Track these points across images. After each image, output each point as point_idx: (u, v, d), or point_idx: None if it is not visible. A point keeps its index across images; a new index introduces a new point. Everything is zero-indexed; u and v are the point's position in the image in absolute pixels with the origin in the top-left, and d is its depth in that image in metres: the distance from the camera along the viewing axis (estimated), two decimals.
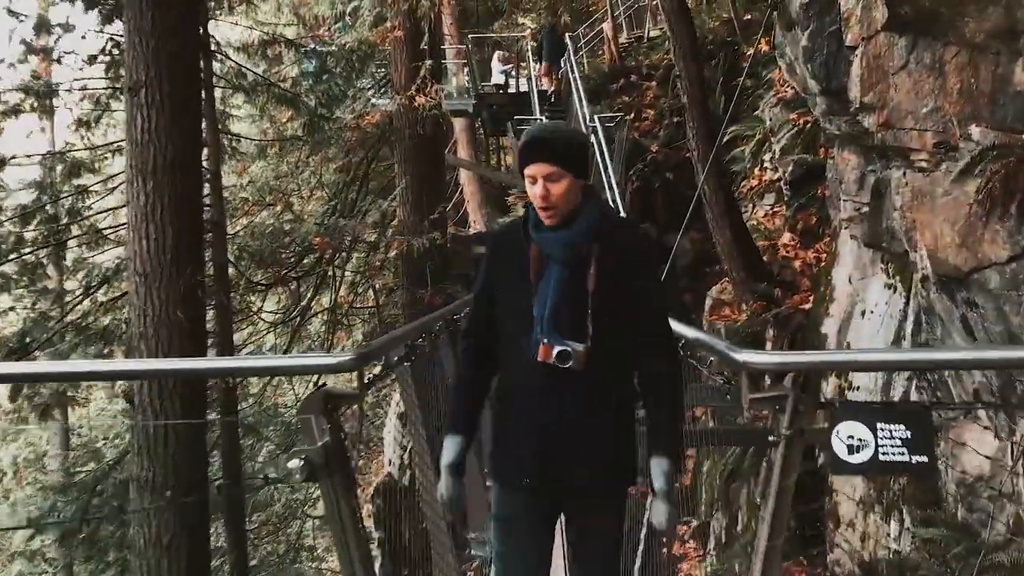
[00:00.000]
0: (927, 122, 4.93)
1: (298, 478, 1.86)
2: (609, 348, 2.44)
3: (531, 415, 2.49)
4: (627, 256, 2.52)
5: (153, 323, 7.77)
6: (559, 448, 2.47)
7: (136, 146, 7.80)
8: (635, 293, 2.49)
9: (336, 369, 2.15)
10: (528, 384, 2.50)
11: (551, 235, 2.52)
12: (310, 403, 2.02)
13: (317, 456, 1.89)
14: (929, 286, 4.92)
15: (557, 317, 2.45)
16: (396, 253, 13.29)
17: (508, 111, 16.22)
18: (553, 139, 2.52)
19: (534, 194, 2.49)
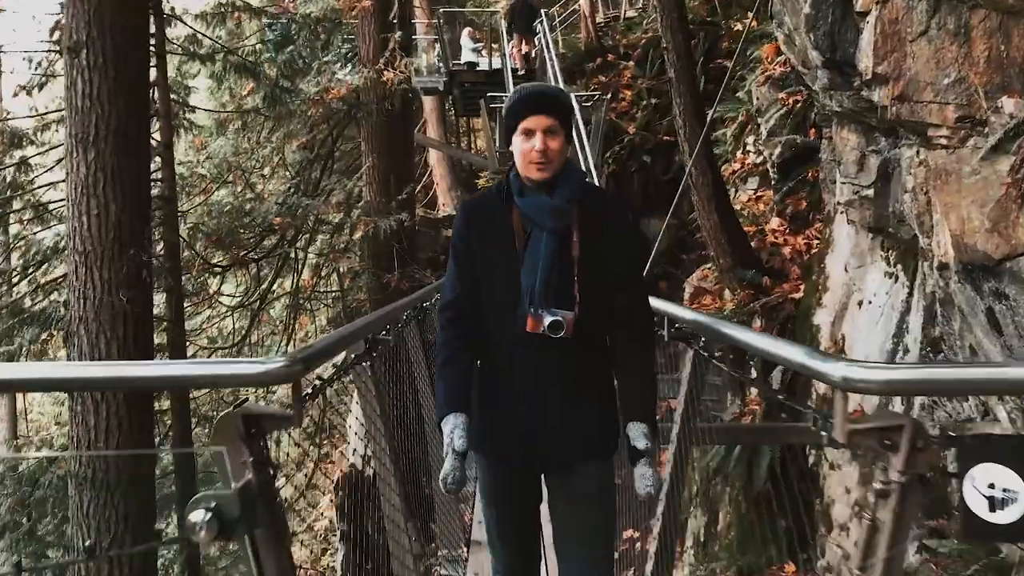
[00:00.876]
0: (949, 94, 4.46)
1: (204, 536, 1.30)
2: (592, 315, 2.43)
3: (517, 386, 2.46)
4: (608, 222, 2.51)
5: (95, 307, 7.14)
6: (548, 419, 2.45)
7: (76, 113, 7.15)
8: (616, 259, 2.48)
9: (263, 380, 1.54)
10: (513, 355, 2.46)
11: (536, 200, 2.46)
12: (224, 428, 1.44)
13: (231, 504, 1.32)
14: (949, 275, 4.46)
15: (546, 286, 2.41)
16: (362, 235, 12.69)
17: (481, 89, 15.61)
18: (551, 94, 2.50)
19: (529, 148, 2.42)
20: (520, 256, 2.44)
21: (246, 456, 1.42)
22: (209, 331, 15.93)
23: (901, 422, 1.30)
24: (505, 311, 2.43)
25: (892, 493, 1.31)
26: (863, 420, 1.33)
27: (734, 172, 11.09)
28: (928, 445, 1.30)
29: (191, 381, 1.62)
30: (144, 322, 7.45)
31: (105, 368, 1.76)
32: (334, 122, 13.56)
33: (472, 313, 2.51)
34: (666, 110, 14.35)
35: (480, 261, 2.52)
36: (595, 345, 2.48)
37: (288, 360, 1.57)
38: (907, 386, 1.31)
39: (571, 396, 2.45)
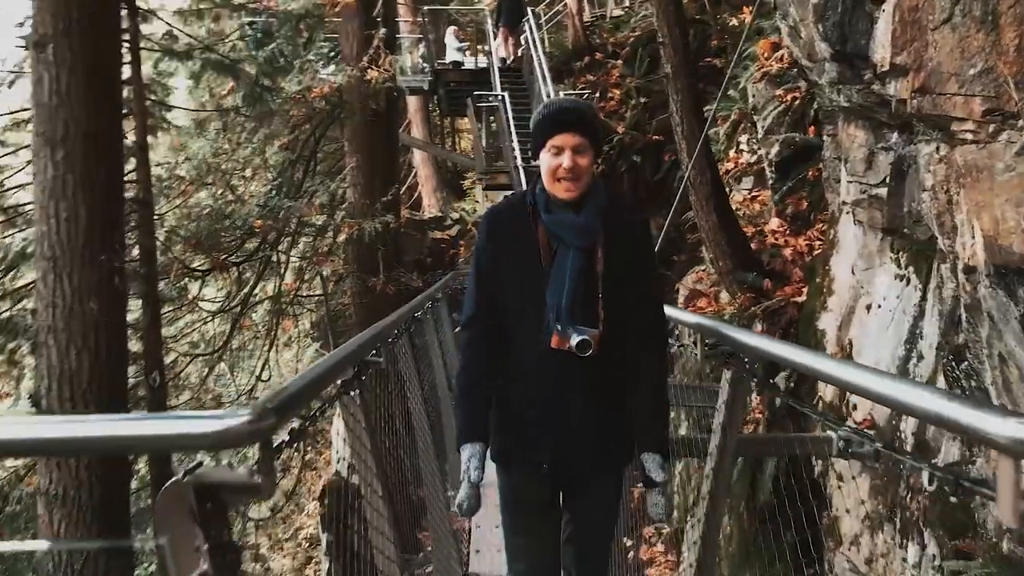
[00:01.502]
0: (975, 85, 4.17)
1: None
2: (615, 331, 2.46)
3: (540, 401, 2.50)
4: (628, 240, 2.54)
5: (64, 315, 6.76)
6: (569, 433, 2.51)
7: (43, 110, 6.76)
8: (637, 275, 2.52)
9: (222, 442, 1.14)
10: (534, 368, 2.48)
11: (564, 217, 2.47)
12: (171, 504, 1.08)
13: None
14: (977, 278, 4.17)
15: (572, 304, 2.42)
16: (346, 238, 12.32)
17: (466, 89, 15.30)
18: (580, 110, 2.49)
19: (556, 165, 2.43)
20: (546, 273, 2.45)
21: (199, 541, 1.07)
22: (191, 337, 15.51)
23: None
24: (528, 326, 2.46)
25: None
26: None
27: (728, 172, 10.82)
28: None
29: (120, 445, 1.24)
30: (117, 331, 7.08)
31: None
32: (317, 122, 13.19)
33: (494, 328, 2.53)
34: (655, 109, 14.09)
35: (504, 275, 2.52)
36: (614, 358, 2.49)
37: (254, 413, 1.20)
38: None
39: (591, 407, 2.50)
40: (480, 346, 2.53)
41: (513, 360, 2.52)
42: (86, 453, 5.09)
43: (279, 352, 16.19)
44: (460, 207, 20.47)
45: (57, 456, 6.01)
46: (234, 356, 14.98)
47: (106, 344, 6.79)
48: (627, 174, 14.12)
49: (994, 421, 1.03)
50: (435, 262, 16.98)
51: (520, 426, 2.55)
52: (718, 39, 13.60)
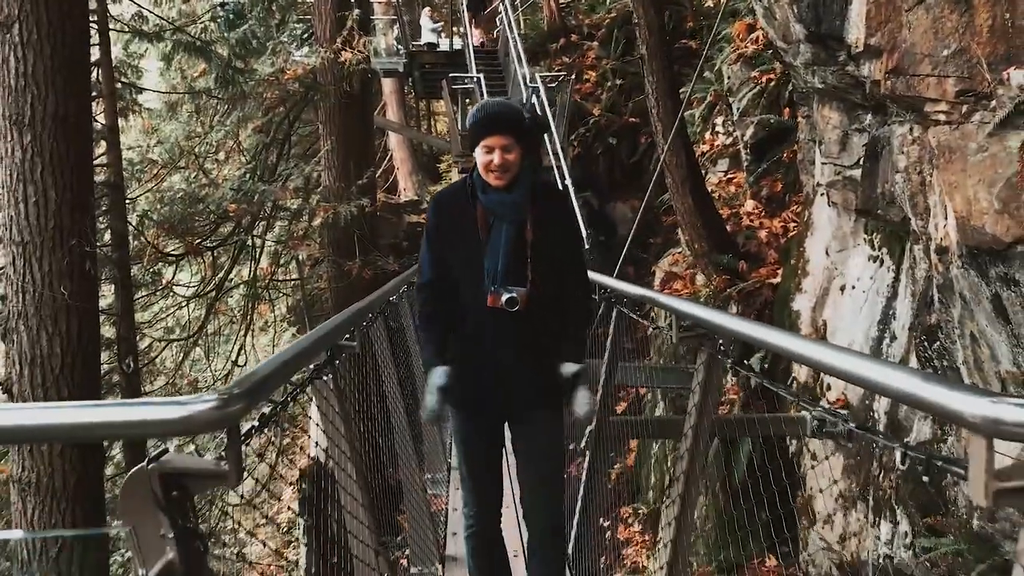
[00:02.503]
0: (949, 67, 4.19)
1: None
2: (543, 291, 2.94)
3: (483, 353, 2.97)
4: (555, 217, 3.06)
5: (35, 301, 6.65)
6: (508, 378, 2.98)
7: (10, 93, 6.62)
8: (562, 245, 3.05)
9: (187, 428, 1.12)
10: (478, 323, 2.95)
11: (498, 197, 2.95)
12: (135, 492, 1.06)
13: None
14: (949, 259, 4.20)
15: (505, 268, 2.91)
16: (321, 221, 12.21)
17: (442, 70, 15.19)
18: (507, 114, 2.96)
19: (488, 161, 2.89)
20: (484, 244, 2.95)
21: (165, 529, 1.06)
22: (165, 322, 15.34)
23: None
24: (471, 288, 2.93)
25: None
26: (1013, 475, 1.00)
27: (703, 154, 10.83)
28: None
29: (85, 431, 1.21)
30: (89, 316, 6.97)
31: None
32: (290, 104, 13.03)
33: (443, 291, 3.00)
34: (631, 91, 14.06)
35: (449, 247, 3.00)
36: (543, 315, 2.96)
37: (221, 398, 1.17)
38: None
39: (522, 356, 2.97)
40: (433, 300, 3.02)
41: (460, 319, 2.99)
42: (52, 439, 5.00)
43: (255, 337, 16.04)
44: (436, 190, 20.37)
45: (23, 443, 5.94)
46: (210, 341, 14.83)
47: (78, 329, 6.70)
48: (603, 156, 14.11)
49: (965, 400, 1.03)
50: (411, 246, 16.87)
51: (467, 374, 2.99)
52: (693, 20, 13.58)
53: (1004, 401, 0.99)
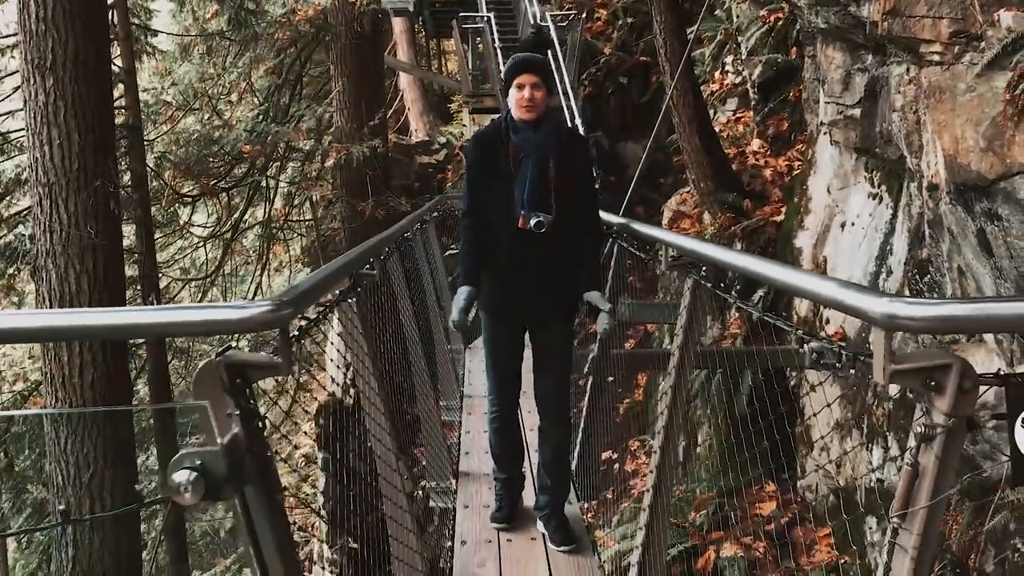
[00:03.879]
0: (943, 8, 4.31)
1: (189, 498, 1.19)
2: (563, 218, 3.53)
3: (513, 269, 3.60)
4: (574, 158, 3.66)
5: (62, 240, 6.92)
6: (532, 290, 3.63)
7: (31, 38, 6.80)
8: (580, 182, 3.65)
9: (247, 326, 1.39)
10: (510, 246, 3.55)
11: (526, 136, 3.55)
12: (206, 379, 1.31)
13: (219, 461, 1.20)
14: (939, 195, 4.39)
15: (532, 197, 3.50)
16: (334, 162, 12.40)
17: (452, 10, 15.15)
18: (535, 59, 3.65)
19: (520, 96, 3.54)
20: (514, 175, 3.55)
21: (231, 408, 1.30)
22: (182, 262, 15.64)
23: (948, 361, 1.21)
24: (503, 213, 3.53)
25: (936, 437, 1.23)
26: (907, 359, 1.24)
27: (713, 93, 10.90)
28: (976, 386, 1.21)
29: (164, 329, 1.50)
30: (114, 255, 7.24)
31: (69, 316, 1.60)
32: (302, 45, 13.12)
33: (483, 217, 3.61)
34: (642, 30, 14.03)
35: (485, 178, 3.62)
36: (562, 238, 3.54)
37: (274, 303, 1.43)
38: (957, 323, 1.21)
39: (545, 270, 3.58)
40: (475, 227, 3.62)
41: (495, 239, 3.58)
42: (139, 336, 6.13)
43: (271, 277, 16.35)
44: (447, 131, 20.42)
45: (115, 339, 6.71)
46: (226, 280, 15.15)
47: (104, 267, 6.97)
48: (613, 96, 14.14)
49: (869, 300, 1.28)
50: (423, 187, 17.05)
51: (499, 284, 3.62)
52: None
53: (898, 300, 1.23)
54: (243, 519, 1.31)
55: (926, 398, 1.25)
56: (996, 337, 4.37)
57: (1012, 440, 1.21)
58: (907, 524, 1.25)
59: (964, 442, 1.28)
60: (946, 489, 1.24)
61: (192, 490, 1.18)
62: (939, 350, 1.25)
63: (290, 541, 1.38)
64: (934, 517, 1.23)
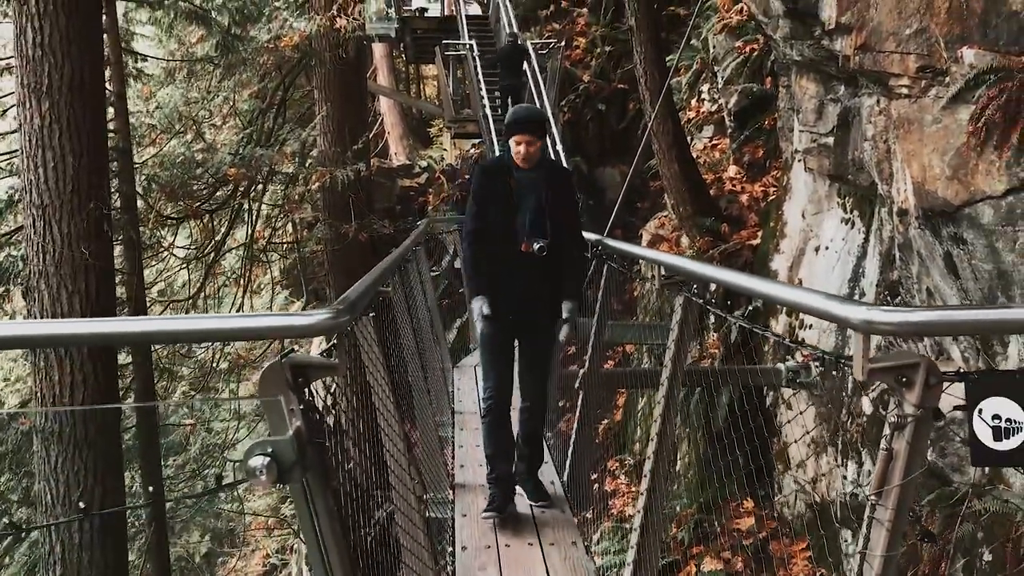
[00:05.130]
0: (911, 44, 4.60)
1: (264, 480, 1.37)
2: (554, 241, 4.24)
3: (510, 281, 4.28)
4: (561, 188, 4.40)
5: (55, 260, 7.01)
6: (525, 298, 4.30)
7: (28, 62, 6.93)
8: (566, 210, 4.37)
9: (312, 331, 1.62)
10: (510, 264, 4.26)
11: (526, 175, 4.32)
12: (273, 378, 1.49)
13: (288, 449, 1.39)
14: (908, 220, 4.65)
15: (534, 225, 4.24)
16: (317, 185, 12.52)
17: (434, 36, 15.44)
18: (535, 118, 4.42)
19: (518, 152, 4.30)
20: (515, 207, 4.28)
21: (295, 404, 1.49)
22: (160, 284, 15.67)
23: (916, 361, 1.43)
24: (504, 237, 4.24)
25: (907, 426, 1.43)
26: (882, 359, 1.45)
27: (689, 120, 11.21)
28: (940, 382, 1.43)
29: (242, 333, 1.70)
30: (106, 276, 7.35)
31: (144, 324, 1.79)
32: (286, 70, 13.29)
33: (487, 236, 4.29)
34: (620, 58, 14.38)
35: (489, 205, 4.32)
36: (553, 257, 4.22)
37: (333, 311, 1.64)
38: (925, 327, 1.44)
39: (538, 285, 4.26)
40: (480, 243, 4.30)
41: (495, 258, 4.27)
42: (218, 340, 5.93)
43: (251, 299, 16.41)
44: (427, 155, 20.66)
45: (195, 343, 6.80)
46: (207, 302, 15.20)
47: (96, 288, 7.07)
48: (592, 122, 14.46)
49: (849, 309, 1.52)
50: (404, 210, 17.23)
51: (500, 298, 4.26)
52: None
53: (875, 309, 1.46)
54: (305, 503, 1.48)
55: (898, 392, 1.46)
56: (963, 356, 4.62)
57: (970, 426, 1.41)
58: (883, 501, 1.45)
59: (931, 430, 1.49)
60: (915, 470, 1.45)
61: (266, 473, 1.36)
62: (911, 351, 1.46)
63: (344, 525, 1.56)
64: (906, 495, 1.44)
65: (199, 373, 14.60)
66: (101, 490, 7.27)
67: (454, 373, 7.75)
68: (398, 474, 2.81)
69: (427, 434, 4.60)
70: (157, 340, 2.69)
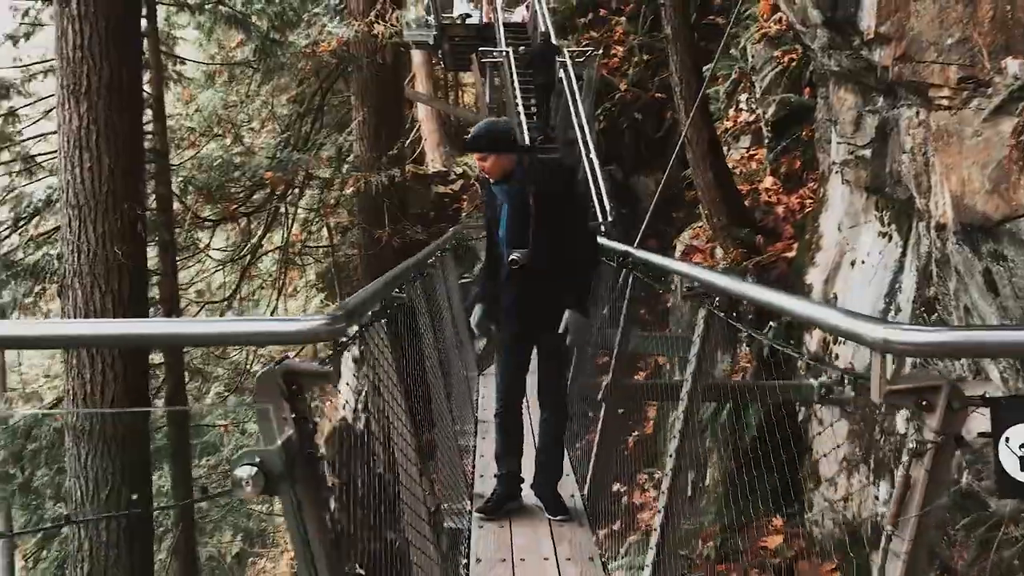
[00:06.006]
0: (952, 55, 4.47)
1: (250, 491, 1.32)
2: (545, 251, 4.12)
3: (507, 292, 4.31)
4: (555, 189, 4.23)
5: (89, 259, 7.12)
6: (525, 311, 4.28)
7: (68, 64, 7.05)
8: (562, 213, 4.17)
9: (308, 337, 1.54)
10: (505, 276, 4.27)
11: (498, 188, 4.26)
12: (266, 385, 1.45)
13: (276, 459, 1.35)
14: (946, 236, 4.51)
15: (509, 237, 4.22)
16: (352, 190, 12.61)
17: (472, 43, 15.44)
18: (480, 135, 4.22)
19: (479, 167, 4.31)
20: (497, 219, 4.33)
21: (287, 412, 1.44)
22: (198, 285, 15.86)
23: (938, 383, 1.33)
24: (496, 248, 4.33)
25: (927, 453, 1.35)
26: (901, 380, 1.37)
27: (727, 130, 11.08)
28: (964, 406, 1.33)
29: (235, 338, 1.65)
30: (138, 276, 7.44)
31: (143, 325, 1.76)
32: (324, 75, 13.41)
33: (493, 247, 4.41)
34: (658, 67, 14.25)
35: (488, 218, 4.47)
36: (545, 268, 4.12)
37: (330, 318, 1.58)
38: (948, 348, 1.35)
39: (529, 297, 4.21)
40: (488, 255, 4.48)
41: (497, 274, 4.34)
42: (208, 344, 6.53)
43: (286, 301, 16.55)
44: (463, 162, 20.67)
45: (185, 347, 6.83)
46: (243, 304, 15.35)
47: (129, 288, 7.15)
48: (628, 130, 14.35)
49: (867, 327, 1.42)
50: (438, 216, 17.25)
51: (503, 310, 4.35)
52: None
53: (893, 327, 1.36)
54: (294, 514, 1.44)
55: (918, 417, 1.37)
56: (1002, 376, 4.47)
57: (996, 456, 1.33)
58: (900, 531, 1.36)
59: (953, 458, 1.40)
60: (935, 500, 1.36)
61: (252, 484, 1.31)
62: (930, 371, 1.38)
63: (336, 537, 1.51)
64: (925, 527, 1.35)
65: (233, 374, 14.73)
66: (129, 488, 7.33)
67: (479, 381, 7.70)
68: (407, 484, 2.77)
69: (446, 443, 4.55)
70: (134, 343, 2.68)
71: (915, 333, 1.35)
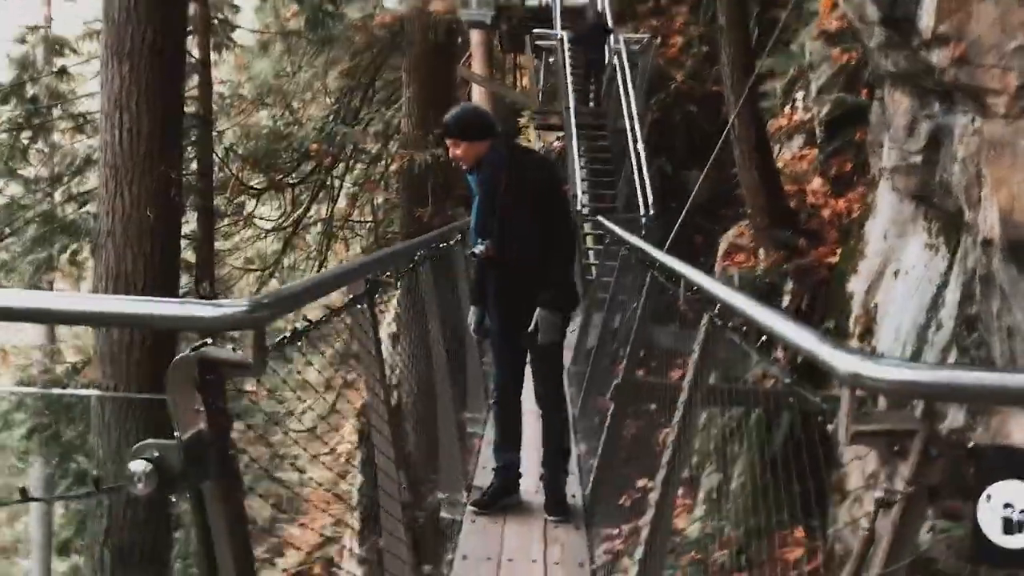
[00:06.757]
0: (1013, 60, 4.20)
1: (141, 488, 1.21)
2: (513, 242, 3.97)
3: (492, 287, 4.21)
4: (528, 181, 4.00)
5: (122, 221, 7.14)
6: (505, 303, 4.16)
7: (112, 24, 7.06)
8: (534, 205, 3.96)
9: (220, 325, 1.42)
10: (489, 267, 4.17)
11: (470, 177, 4.11)
12: (178, 373, 1.33)
13: (174, 456, 1.24)
14: (993, 252, 4.25)
15: (478, 226, 4.11)
16: (397, 167, 12.55)
17: (527, 25, 15.24)
18: (450, 121, 4.00)
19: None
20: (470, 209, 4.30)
21: (198, 404, 1.33)
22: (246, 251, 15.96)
23: (913, 427, 1.17)
24: None
25: (895, 504, 1.19)
26: (871, 420, 1.21)
27: (780, 128, 10.74)
28: (943, 455, 1.17)
29: (142, 321, 1.55)
30: (170, 240, 7.45)
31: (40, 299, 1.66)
32: (377, 50, 13.34)
33: None
34: (716, 60, 13.89)
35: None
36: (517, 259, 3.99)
37: (250, 305, 1.45)
38: (924, 390, 1.17)
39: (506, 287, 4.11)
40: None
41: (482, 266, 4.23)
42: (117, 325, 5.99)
43: None
44: None
45: (95, 326, 6.84)
46: (286, 274, 15.42)
47: (160, 250, 7.16)
48: (681, 123, 14.04)
49: (839, 357, 1.26)
50: None
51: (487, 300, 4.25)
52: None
53: (866, 360, 1.20)
54: (195, 515, 1.33)
55: (890, 462, 1.21)
56: None
57: (973, 514, 1.16)
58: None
59: (925, 512, 1.24)
60: (900, 560, 1.20)
61: (145, 481, 1.21)
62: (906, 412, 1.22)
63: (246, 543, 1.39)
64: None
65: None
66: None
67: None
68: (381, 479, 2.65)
69: (448, 433, 4.43)
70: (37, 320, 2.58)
71: (891, 369, 1.18)
